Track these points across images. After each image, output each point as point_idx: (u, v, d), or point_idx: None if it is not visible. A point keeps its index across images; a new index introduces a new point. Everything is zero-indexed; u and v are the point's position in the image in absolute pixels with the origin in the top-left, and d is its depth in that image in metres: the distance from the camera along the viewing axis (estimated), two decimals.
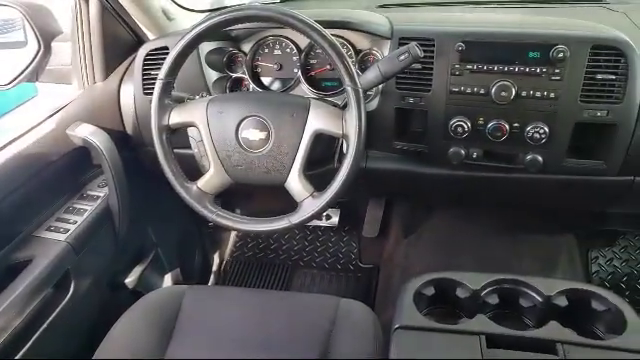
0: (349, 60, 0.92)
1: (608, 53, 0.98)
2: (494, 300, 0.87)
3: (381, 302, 1.66)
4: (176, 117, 1.02)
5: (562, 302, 0.84)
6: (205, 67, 1.23)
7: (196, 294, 1.14)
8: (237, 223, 1.02)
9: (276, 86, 1.28)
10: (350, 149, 0.94)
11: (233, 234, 2.04)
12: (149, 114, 1.01)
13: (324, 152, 1.14)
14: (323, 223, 1.90)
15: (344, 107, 0.97)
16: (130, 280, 1.38)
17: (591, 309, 0.84)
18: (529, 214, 1.68)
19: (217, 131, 1.01)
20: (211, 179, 1.04)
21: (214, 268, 1.94)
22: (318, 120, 0.96)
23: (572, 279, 1.59)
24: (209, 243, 1.93)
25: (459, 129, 1.07)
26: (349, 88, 0.93)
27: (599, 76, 0.99)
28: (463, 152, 1.11)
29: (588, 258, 1.71)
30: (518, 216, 1.69)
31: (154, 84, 1.00)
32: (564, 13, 1.28)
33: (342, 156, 1.00)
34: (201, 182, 1.04)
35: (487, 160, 1.12)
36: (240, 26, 1.17)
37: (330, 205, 0.97)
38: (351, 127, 0.93)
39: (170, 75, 1.00)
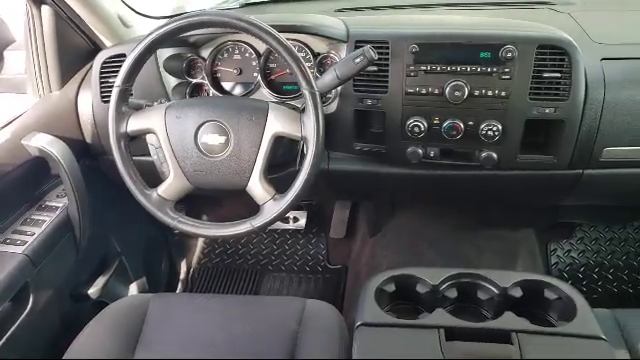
0: (305, 64, 0.94)
1: (553, 52, 1.02)
2: (453, 294, 0.90)
3: (349, 302, 1.68)
4: (134, 124, 1.02)
5: (517, 293, 0.87)
6: (164, 73, 1.22)
7: (162, 302, 1.13)
8: (199, 228, 1.02)
9: (237, 91, 1.28)
10: (309, 151, 0.95)
11: (200, 241, 2.03)
12: (108, 122, 1.00)
13: (286, 155, 1.15)
14: (290, 226, 1.91)
15: (304, 110, 0.98)
16: (93, 291, 1.35)
17: (544, 298, 0.87)
18: (490, 210, 1.73)
19: (176, 137, 1.01)
20: (171, 185, 1.03)
21: (181, 276, 1.92)
22: (277, 123, 0.97)
23: (532, 271, 1.64)
24: (176, 250, 1.91)
25: (416, 129, 1.10)
26: (306, 91, 0.94)
27: (545, 75, 1.03)
28: (421, 151, 1.14)
29: (547, 251, 1.77)
30: (480, 212, 1.74)
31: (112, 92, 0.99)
32: (513, 14, 1.33)
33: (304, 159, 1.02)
34: (161, 189, 1.03)
35: (444, 158, 1.15)
36: (197, 32, 1.16)
37: (292, 207, 0.98)
38: (309, 129, 0.95)
39: (127, 82, 0.99)
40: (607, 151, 1.09)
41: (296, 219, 1.89)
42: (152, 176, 1.10)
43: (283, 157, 1.15)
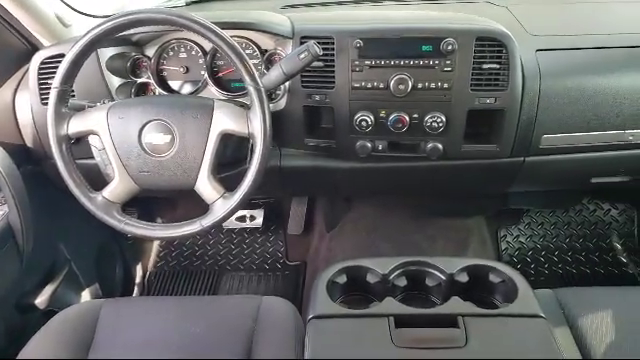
0: (249, 60, 0.93)
1: (491, 44, 1.06)
2: (402, 282, 0.92)
3: (309, 297, 1.68)
4: (75, 126, 0.99)
5: (463, 278, 0.90)
6: (107, 73, 1.19)
7: (113, 307, 1.10)
8: (146, 230, 1.00)
9: (185, 90, 1.26)
10: (257, 148, 0.95)
11: (156, 244, 1.99)
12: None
13: (236, 153, 1.14)
14: (247, 224, 1.90)
15: (250, 107, 0.98)
16: (41, 300, 1.30)
17: (489, 282, 0.90)
18: (442, 200, 1.77)
19: (119, 138, 0.98)
20: (117, 187, 1.01)
21: (137, 280, 1.88)
22: (223, 121, 0.97)
23: (483, 257, 1.70)
24: (130, 255, 1.86)
25: (363, 123, 1.12)
26: (251, 87, 0.94)
27: (485, 66, 1.07)
28: (369, 145, 1.15)
29: (497, 237, 1.84)
30: (432, 202, 1.78)
31: None
32: (453, 8, 1.37)
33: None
34: (106, 191, 1.01)
35: (392, 151, 1.17)
36: (140, 30, 1.15)
37: (242, 205, 0.98)
38: (256, 126, 0.95)
39: (65, 83, 0.96)
40: (545, 138, 1.14)
41: (253, 217, 1.88)
42: (97, 179, 1.07)
43: (233, 155, 1.14)
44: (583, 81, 1.10)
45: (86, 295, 1.55)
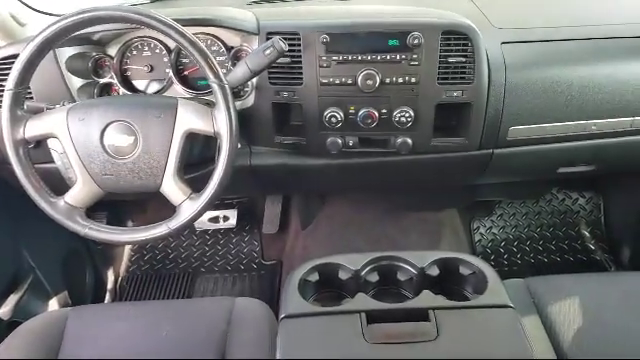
0: (212, 57, 0.92)
1: (457, 38, 1.06)
2: (374, 278, 0.91)
3: None
4: (33, 129, 0.95)
5: (434, 271, 0.90)
6: (66, 74, 1.15)
7: (81, 315, 1.07)
8: (111, 235, 0.97)
9: (151, 89, 1.23)
10: (223, 146, 0.94)
11: (127, 248, 1.95)
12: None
13: (203, 153, 1.12)
14: (221, 225, 1.87)
15: (215, 105, 0.96)
16: (4, 311, 1.26)
17: (460, 274, 0.90)
18: (415, 194, 1.78)
19: (80, 140, 0.95)
20: (80, 192, 0.98)
21: (109, 286, 1.83)
22: (187, 120, 0.94)
23: (457, 250, 1.72)
24: (101, 260, 1.82)
25: (333, 119, 1.11)
26: (215, 85, 0.92)
27: (451, 59, 1.07)
28: (340, 141, 1.15)
29: (470, 228, 1.86)
30: (405, 196, 1.79)
31: None
32: (421, 2, 1.37)
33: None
34: (68, 196, 0.98)
35: (363, 147, 1.17)
36: (99, 28, 1.11)
37: (210, 205, 0.96)
38: (221, 124, 0.93)
39: (20, 84, 0.92)
40: (512, 130, 1.15)
41: (226, 218, 1.86)
42: (59, 183, 1.04)
43: (201, 155, 1.12)
44: (547, 73, 1.11)
45: (53, 304, 1.50)
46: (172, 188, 0.96)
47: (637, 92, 1.14)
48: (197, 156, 1.11)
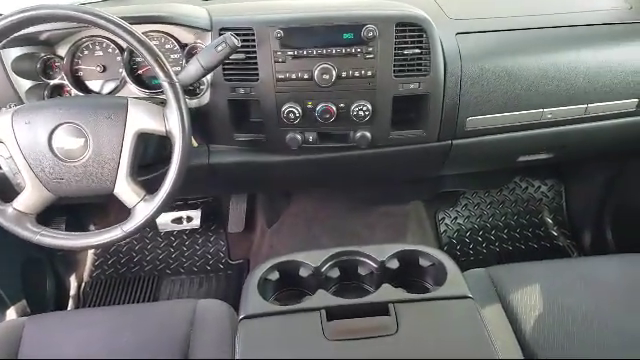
0: (161, 55, 0.89)
1: (412, 29, 1.06)
2: (335, 273, 0.91)
3: None
4: None
5: (394, 264, 0.89)
6: (13, 76, 1.11)
7: (38, 324, 1.04)
8: (64, 241, 0.94)
9: (106, 89, 1.19)
10: (176, 146, 0.91)
11: (90, 252, 1.90)
12: None
13: (159, 153, 1.10)
14: (185, 226, 1.84)
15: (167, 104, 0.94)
16: None
17: (419, 266, 0.91)
18: (379, 187, 1.79)
19: (27, 144, 0.92)
20: (29, 198, 0.94)
21: (72, 292, 1.78)
22: (138, 119, 0.92)
23: (423, 242, 1.73)
24: (62, 266, 1.77)
25: (291, 115, 1.10)
26: (165, 83, 0.90)
27: (406, 51, 1.07)
28: (299, 137, 1.14)
29: (436, 220, 1.87)
30: (370, 191, 1.79)
31: None
32: None
33: None
34: (17, 202, 0.94)
35: (323, 142, 1.16)
36: (44, 28, 1.07)
37: (165, 206, 0.94)
38: (173, 123, 0.91)
39: None
40: (470, 121, 1.16)
41: (190, 218, 1.83)
42: (9, 189, 1.00)
43: (156, 155, 1.09)
44: (502, 62, 1.13)
45: (11, 314, 1.45)
46: (125, 190, 0.94)
47: (589, 79, 1.16)
48: (152, 157, 1.09)
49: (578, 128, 1.24)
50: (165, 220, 1.84)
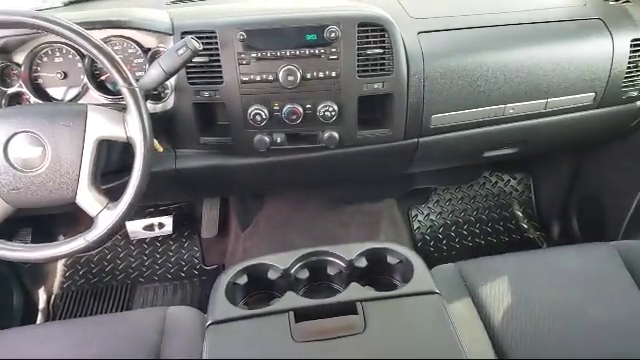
0: (118, 60, 0.88)
1: (374, 30, 1.07)
2: (305, 275, 0.91)
3: None
4: None
5: (362, 263, 0.90)
6: None
7: (3, 340, 1.02)
8: (22, 253, 0.92)
9: (69, 96, 1.17)
10: (137, 152, 0.90)
11: (60, 263, 1.86)
12: None
13: (123, 160, 1.08)
14: (157, 233, 1.81)
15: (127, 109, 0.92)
16: None
17: (387, 264, 0.91)
18: (353, 187, 1.79)
19: None
20: None
21: (41, 305, 1.74)
22: (98, 126, 0.90)
23: (396, 239, 1.75)
24: (30, 279, 1.72)
25: (258, 117, 1.09)
26: (124, 89, 0.88)
27: (369, 51, 1.07)
28: (267, 139, 1.13)
29: (409, 217, 1.89)
30: (343, 190, 1.80)
31: None
32: None
33: None
34: None
35: (291, 143, 1.16)
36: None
37: (129, 214, 0.92)
38: (134, 129, 0.89)
39: None
40: (435, 118, 1.18)
41: (162, 225, 1.80)
42: None
43: (120, 162, 1.08)
44: (463, 60, 1.14)
45: None
46: (87, 199, 0.92)
47: (548, 75, 1.19)
48: (116, 163, 1.07)
49: (539, 122, 1.26)
50: (136, 228, 1.81)
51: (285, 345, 0.75)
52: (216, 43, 1.06)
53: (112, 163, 1.05)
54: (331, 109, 1.09)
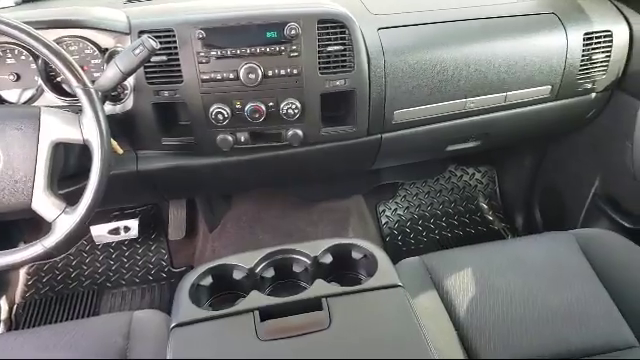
0: (70, 60, 0.86)
1: (334, 26, 1.07)
2: (270, 273, 0.90)
3: None
4: None
5: (327, 259, 0.90)
6: None
7: None
8: None
9: (24, 98, 1.13)
10: (94, 154, 0.88)
11: (22, 271, 1.80)
12: None
13: (83, 163, 1.05)
14: (122, 236, 1.78)
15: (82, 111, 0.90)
16: None
17: (352, 259, 0.92)
18: (321, 184, 1.80)
19: None
20: None
21: (3, 315, 1.68)
22: (52, 129, 0.88)
23: (365, 234, 1.76)
24: None
25: (220, 116, 1.08)
26: (78, 90, 0.86)
27: (330, 48, 1.08)
28: (230, 138, 1.13)
29: (377, 212, 1.90)
30: (311, 187, 1.80)
31: None
32: None
33: None
34: None
35: (255, 142, 1.16)
36: None
37: (87, 218, 0.90)
38: (90, 131, 0.87)
39: None
40: (397, 114, 1.19)
41: (127, 228, 1.77)
42: None
43: (79, 165, 1.05)
44: (424, 55, 1.15)
45: None
46: (44, 204, 0.89)
47: (506, 69, 1.21)
48: (76, 167, 1.04)
49: (500, 116, 1.29)
50: (101, 232, 1.77)
51: (250, 344, 0.74)
52: (174, 42, 1.04)
53: (70, 166, 1.02)
54: (294, 107, 1.09)
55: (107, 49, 1.11)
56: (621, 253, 1.14)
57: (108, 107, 1.09)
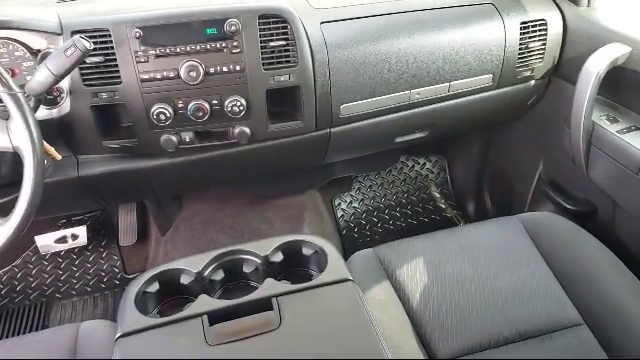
0: None
1: (275, 21, 1.06)
2: (219, 276, 0.88)
3: None
4: None
5: (278, 257, 0.89)
6: None
7: None
8: None
9: None
10: (26, 161, 0.84)
11: None
12: None
13: (16, 172, 1.00)
14: (71, 245, 1.71)
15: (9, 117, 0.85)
16: None
17: (304, 255, 0.91)
18: (274, 180, 1.78)
19: None
20: None
21: None
22: None
23: (321, 229, 1.76)
24: None
25: (162, 116, 1.06)
26: (4, 95, 0.81)
27: (272, 44, 1.06)
28: (175, 138, 1.10)
29: (332, 206, 1.91)
30: (265, 185, 1.78)
31: None
32: None
33: None
34: None
35: (201, 141, 1.13)
36: None
37: (22, 229, 0.86)
38: (20, 137, 0.83)
39: None
40: (344, 108, 1.19)
41: (75, 236, 1.70)
42: None
43: (12, 174, 1.00)
44: (366, 49, 1.16)
45: None
46: None
47: (448, 59, 1.23)
48: (8, 176, 0.99)
49: (445, 106, 1.31)
50: (47, 241, 1.70)
51: (198, 350, 0.73)
52: (110, 42, 1.01)
53: (3, 176, 0.97)
54: (239, 104, 1.07)
55: (39, 51, 1.06)
56: (564, 234, 1.18)
57: (44, 111, 1.04)
